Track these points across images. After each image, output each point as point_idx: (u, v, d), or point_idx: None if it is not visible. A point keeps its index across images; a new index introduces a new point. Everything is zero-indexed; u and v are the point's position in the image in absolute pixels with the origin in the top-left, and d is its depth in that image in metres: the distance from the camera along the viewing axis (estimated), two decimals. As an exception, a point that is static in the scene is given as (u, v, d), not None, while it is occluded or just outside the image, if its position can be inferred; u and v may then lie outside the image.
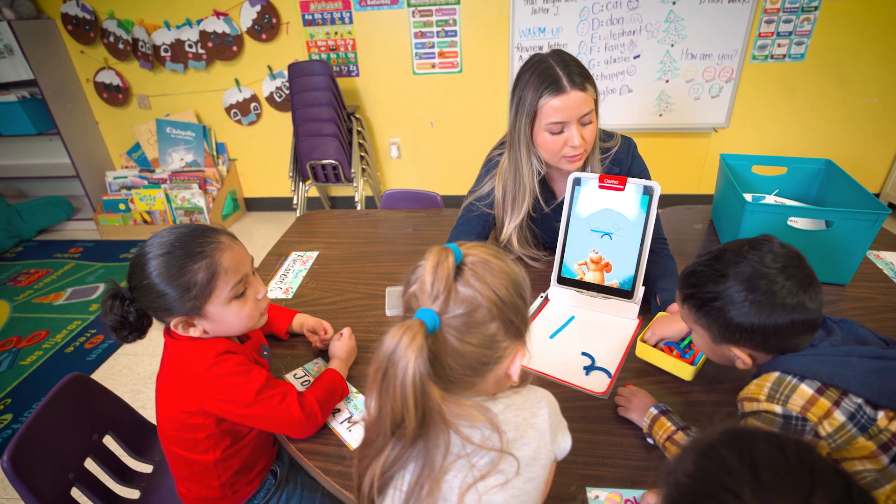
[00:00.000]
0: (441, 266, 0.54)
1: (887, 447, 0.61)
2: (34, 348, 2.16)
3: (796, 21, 2.51)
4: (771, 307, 0.65)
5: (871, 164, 2.83)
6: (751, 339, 0.68)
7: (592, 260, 1.12)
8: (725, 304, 0.68)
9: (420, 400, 0.50)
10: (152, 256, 0.75)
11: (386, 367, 0.51)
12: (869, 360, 0.62)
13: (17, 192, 3.51)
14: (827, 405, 0.62)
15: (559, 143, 1.04)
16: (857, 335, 0.68)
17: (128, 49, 2.89)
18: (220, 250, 0.77)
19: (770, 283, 0.65)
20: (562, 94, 0.99)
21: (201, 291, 0.76)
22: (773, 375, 0.66)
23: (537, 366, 0.96)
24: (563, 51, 1.05)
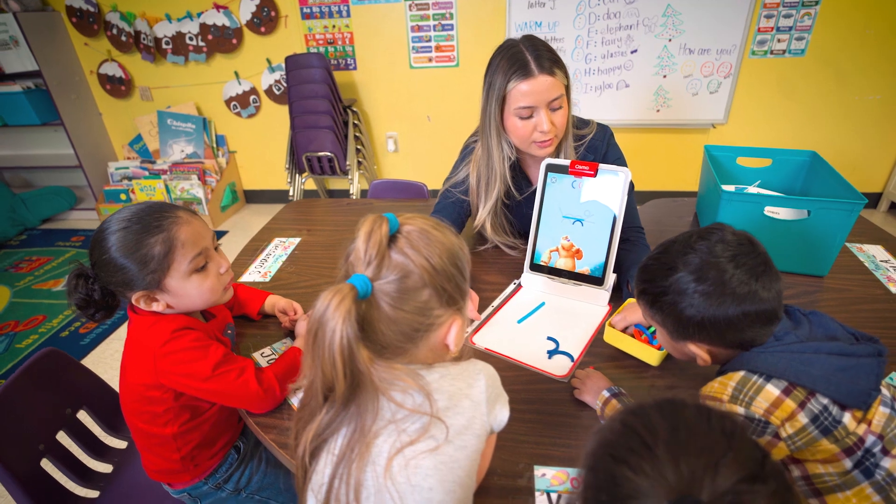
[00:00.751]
0: (374, 233, 0.55)
1: (851, 451, 0.59)
2: (31, 332, 2.20)
3: (796, 16, 2.47)
4: (720, 297, 0.62)
5: (873, 162, 2.78)
6: (704, 334, 0.65)
7: (563, 247, 1.11)
8: (675, 298, 0.65)
9: (348, 362, 0.51)
10: (110, 232, 0.77)
11: (316, 329, 0.51)
12: (836, 358, 0.59)
13: (23, 182, 3.58)
14: (792, 407, 0.59)
15: (529, 128, 1.04)
16: (826, 329, 0.65)
17: (130, 41, 2.93)
18: (177, 224, 0.79)
19: (719, 272, 0.62)
20: (530, 78, 0.99)
21: (159, 264, 0.77)
22: (738, 375, 0.63)
23: (502, 349, 0.96)
24: (534, 36, 1.05)
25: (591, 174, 1.06)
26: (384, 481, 0.53)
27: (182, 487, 0.91)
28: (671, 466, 0.36)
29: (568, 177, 1.09)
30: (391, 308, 0.55)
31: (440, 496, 0.53)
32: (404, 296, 0.55)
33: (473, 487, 0.58)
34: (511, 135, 1.08)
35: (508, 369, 0.92)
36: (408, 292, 0.55)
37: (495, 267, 1.25)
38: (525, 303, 1.10)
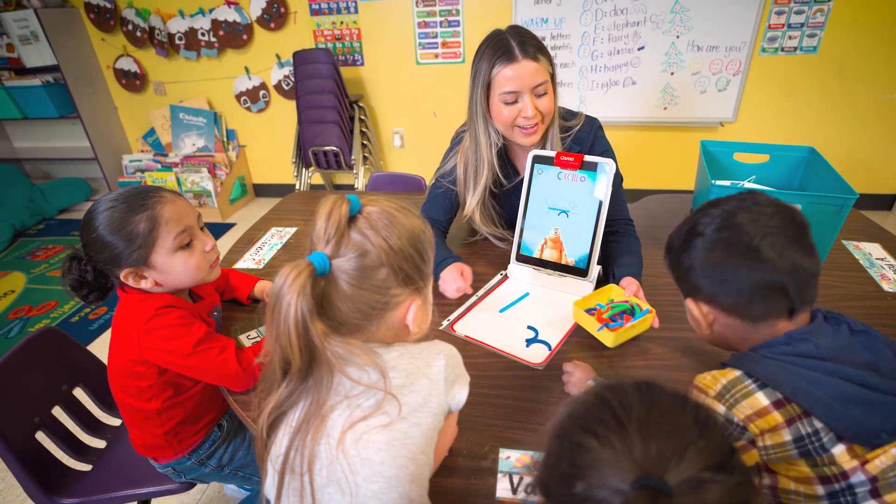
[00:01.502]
0: (334, 213, 0.56)
1: (828, 481, 0.55)
2: (42, 317, 2.28)
3: (808, 12, 2.42)
4: (730, 248, 0.59)
5: (887, 162, 2.71)
6: (706, 284, 0.62)
7: (551, 238, 1.12)
8: (684, 252, 0.64)
9: (302, 336, 0.53)
10: (98, 212, 0.81)
11: (274, 303, 0.53)
12: (852, 386, 0.53)
13: (42, 174, 3.69)
14: (777, 420, 0.55)
15: (513, 113, 1.05)
16: (870, 353, 0.56)
17: (145, 37, 3.01)
18: (160, 203, 0.82)
19: (734, 222, 0.60)
20: (513, 63, 1.00)
21: (144, 241, 0.81)
22: (733, 373, 0.59)
23: (481, 337, 0.97)
24: (520, 26, 1.06)
25: (576, 165, 1.06)
26: (336, 454, 0.54)
27: (166, 462, 0.94)
28: (640, 444, 0.36)
29: (554, 168, 1.09)
30: (348, 286, 0.56)
31: (392, 470, 0.55)
32: (361, 274, 0.56)
33: (430, 464, 0.59)
34: (496, 121, 1.09)
35: (486, 356, 0.93)
36: (365, 271, 0.56)
37: (485, 258, 1.26)
38: (509, 293, 1.11)
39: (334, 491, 0.55)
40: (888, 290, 1.08)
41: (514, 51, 1.00)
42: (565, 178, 1.08)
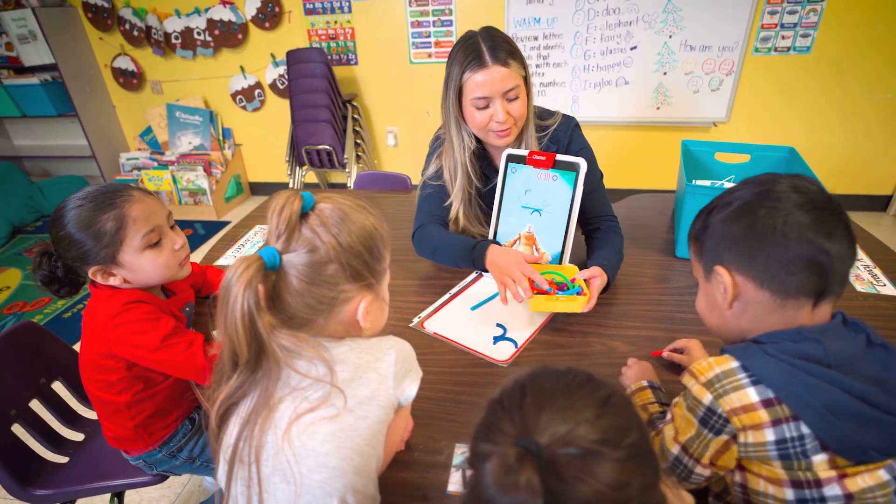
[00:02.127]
0: (285, 209, 0.57)
1: (800, 486, 0.54)
2: (36, 312, 2.31)
3: (801, 12, 2.41)
4: (752, 210, 0.57)
5: (883, 164, 2.69)
6: (737, 250, 0.58)
7: (525, 235, 1.13)
8: (714, 216, 0.61)
9: (249, 329, 0.54)
10: (67, 210, 0.82)
11: (223, 296, 0.54)
12: (853, 400, 0.51)
13: (42, 171, 3.73)
14: (762, 419, 0.53)
15: (486, 117, 1.05)
16: (883, 369, 0.54)
17: (142, 36, 3.03)
18: (129, 202, 0.83)
19: (781, 192, 0.57)
20: (484, 69, 1.00)
21: (112, 239, 0.82)
22: (729, 364, 0.57)
23: (450, 334, 0.98)
24: (493, 28, 1.06)
25: (548, 164, 1.07)
26: (282, 444, 0.55)
27: (137, 455, 0.95)
28: (533, 414, 0.39)
29: (527, 167, 1.10)
30: (298, 280, 0.57)
31: (336, 461, 0.55)
32: (311, 269, 0.57)
33: (377, 456, 0.60)
34: (470, 124, 1.10)
35: (452, 353, 0.94)
36: (314, 266, 0.58)
37: (462, 256, 1.26)
38: (483, 291, 1.12)
39: (279, 480, 0.56)
40: (860, 291, 1.08)
41: (484, 56, 1.00)
42: (538, 178, 1.09)
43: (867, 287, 1.09)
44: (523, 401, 0.41)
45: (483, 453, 0.39)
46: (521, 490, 0.35)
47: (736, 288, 0.60)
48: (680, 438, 0.60)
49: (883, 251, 1.23)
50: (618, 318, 1.03)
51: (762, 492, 0.56)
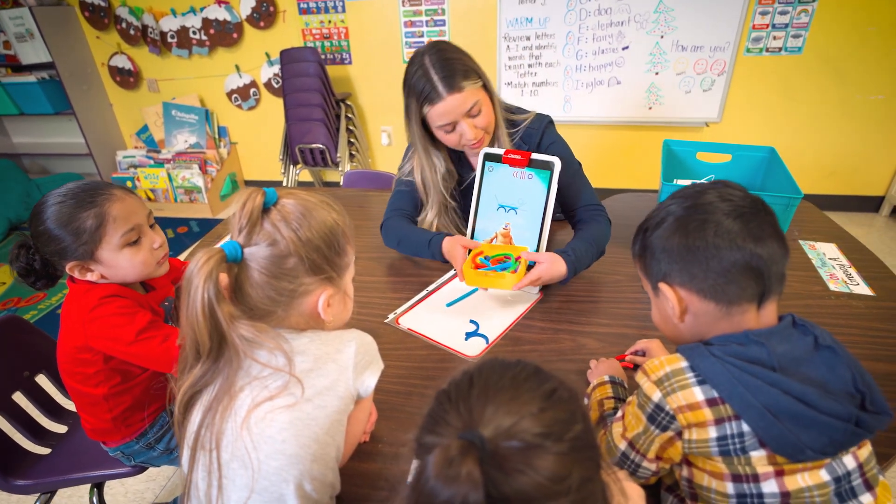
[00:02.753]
0: (248, 204, 0.60)
1: (739, 479, 0.55)
2: (31, 308, 2.33)
3: (793, 13, 2.42)
4: (686, 224, 0.59)
5: (875, 164, 2.69)
6: (675, 265, 0.60)
7: (502, 233, 1.14)
8: (651, 234, 0.63)
9: (209, 319, 0.56)
10: (48, 206, 0.84)
11: (185, 286, 0.56)
12: (792, 401, 0.52)
13: (41, 169, 3.76)
14: (706, 418, 0.55)
15: (456, 137, 1.09)
16: (828, 370, 0.56)
17: (138, 35, 3.06)
18: (109, 201, 0.85)
19: (708, 204, 0.59)
20: (439, 101, 1.02)
21: (91, 237, 0.83)
22: (679, 363, 0.59)
23: (423, 330, 1.00)
24: (442, 45, 1.06)
25: (524, 163, 1.08)
26: (240, 431, 0.57)
27: (115, 446, 0.97)
28: (479, 406, 0.40)
29: (504, 166, 1.11)
30: (259, 273, 0.59)
31: (294, 449, 0.57)
32: (271, 262, 0.59)
33: (336, 445, 0.61)
34: (444, 143, 1.13)
35: (424, 348, 0.96)
36: (275, 259, 0.60)
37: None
38: (460, 288, 1.13)
39: (238, 466, 0.58)
40: (833, 290, 1.09)
41: (437, 88, 1.01)
42: (514, 176, 1.10)
43: (841, 286, 1.10)
44: (470, 392, 0.41)
45: (427, 445, 0.40)
46: (461, 482, 0.35)
47: (682, 302, 0.62)
48: (627, 435, 0.61)
49: (859, 251, 1.24)
50: (590, 315, 1.04)
51: (706, 486, 0.57)
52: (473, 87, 1.03)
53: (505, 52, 2.72)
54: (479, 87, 1.05)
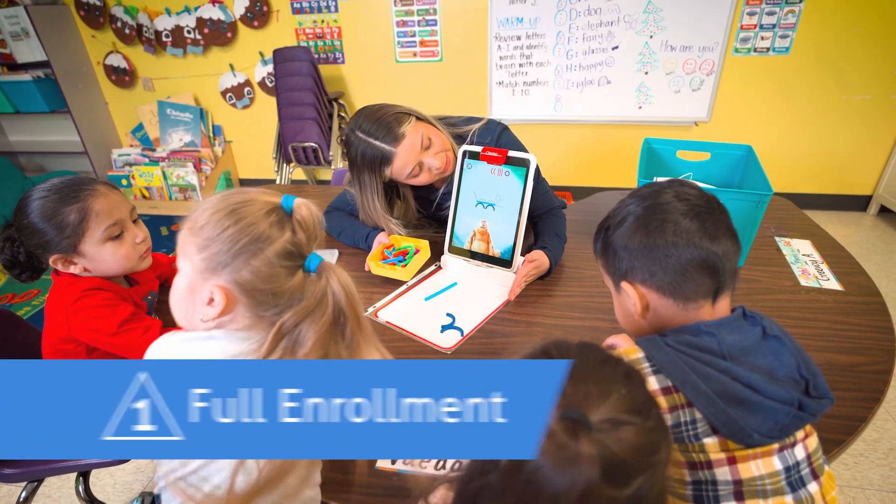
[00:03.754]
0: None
1: (694, 467, 0.57)
2: (25, 304, 2.36)
3: (780, 13, 2.44)
4: (647, 224, 0.62)
5: (862, 163, 2.72)
6: (634, 269, 0.63)
7: (479, 230, 1.16)
8: (613, 232, 0.65)
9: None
10: (32, 199, 0.86)
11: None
12: (740, 387, 0.54)
13: (37, 167, 3.78)
14: (662, 405, 0.56)
15: (426, 175, 1.14)
16: (775, 357, 0.58)
17: (133, 34, 3.08)
18: (93, 196, 0.87)
19: (665, 204, 0.62)
20: (394, 157, 1.08)
21: (74, 231, 0.86)
22: (636, 354, 0.61)
23: (401, 323, 1.02)
24: (364, 111, 1.12)
25: (501, 160, 1.10)
26: None
27: (98, 436, 0.99)
28: (571, 387, 0.41)
29: (482, 163, 1.14)
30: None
31: None
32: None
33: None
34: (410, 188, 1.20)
35: (400, 340, 0.98)
36: None
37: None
38: (439, 282, 1.16)
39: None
40: (804, 285, 1.11)
41: (385, 149, 1.07)
42: (492, 173, 1.13)
43: (812, 281, 1.13)
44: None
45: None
46: (581, 462, 0.35)
47: (643, 299, 0.64)
48: None
49: (832, 247, 1.26)
50: (563, 308, 1.06)
51: (667, 475, 0.59)
52: (410, 126, 1.09)
53: (496, 51, 2.74)
54: (415, 123, 1.10)
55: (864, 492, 1.35)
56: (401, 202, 1.28)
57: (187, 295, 0.60)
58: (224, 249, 0.56)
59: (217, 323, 0.59)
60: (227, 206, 0.58)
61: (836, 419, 0.77)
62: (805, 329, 0.97)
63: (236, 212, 0.57)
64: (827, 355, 0.90)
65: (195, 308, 0.60)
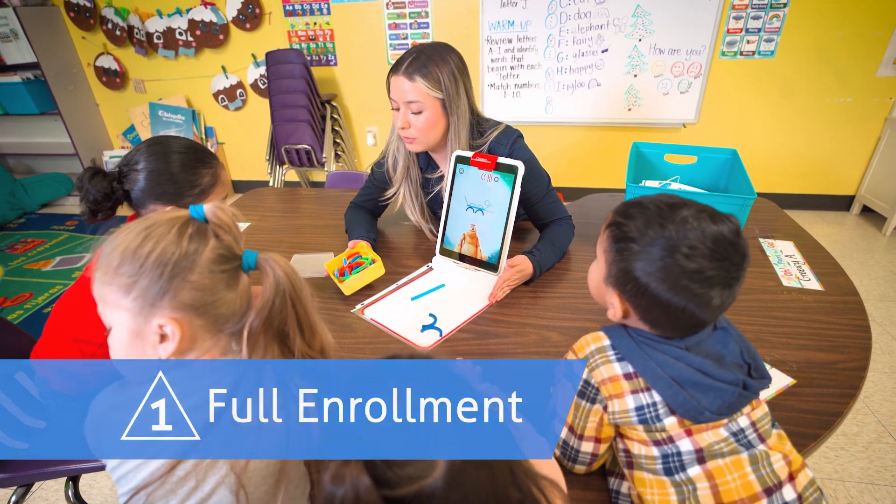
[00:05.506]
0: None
1: (659, 444, 0.62)
2: (17, 307, 2.34)
3: (765, 17, 2.49)
4: (676, 280, 0.58)
5: (845, 165, 2.77)
6: (637, 298, 0.62)
7: (469, 234, 1.18)
8: (640, 251, 0.60)
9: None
10: (173, 151, 0.90)
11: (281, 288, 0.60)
12: (693, 372, 0.60)
13: (26, 169, 3.76)
14: (623, 389, 0.62)
15: (396, 118, 1.16)
16: (722, 346, 0.63)
17: (124, 36, 3.07)
18: (220, 167, 0.96)
19: (699, 263, 0.57)
20: (393, 74, 1.11)
21: (202, 192, 0.92)
22: (602, 342, 0.65)
23: (384, 320, 1.04)
24: (436, 46, 1.13)
25: (490, 166, 1.12)
26: None
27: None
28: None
29: (473, 168, 1.16)
30: None
31: None
32: None
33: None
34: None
35: (382, 337, 1.00)
36: None
37: (417, 251, 1.33)
38: (428, 283, 1.17)
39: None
40: (786, 285, 1.14)
41: (400, 65, 1.10)
42: (482, 179, 1.15)
43: (793, 282, 1.16)
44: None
45: None
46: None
47: (627, 314, 0.65)
48: (568, 421, 0.68)
49: (814, 248, 1.30)
50: (555, 310, 1.09)
51: (636, 453, 0.64)
52: (424, 90, 1.09)
53: (487, 54, 2.77)
54: (431, 96, 1.10)
55: (845, 484, 1.39)
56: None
57: (134, 343, 0.55)
58: (154, 278, 0.52)
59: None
60: (135, 237, 0.54)
61: (814, 415, 0.79)
62: (786, 328, 1.00)
63: (149, 237, 0.54)
64: (807, 353, 0.93)
65: (147, 354, 0.55)
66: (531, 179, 1.15)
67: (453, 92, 1.11)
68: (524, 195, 1.15)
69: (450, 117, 1.15)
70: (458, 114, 1.14)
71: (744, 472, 0.60)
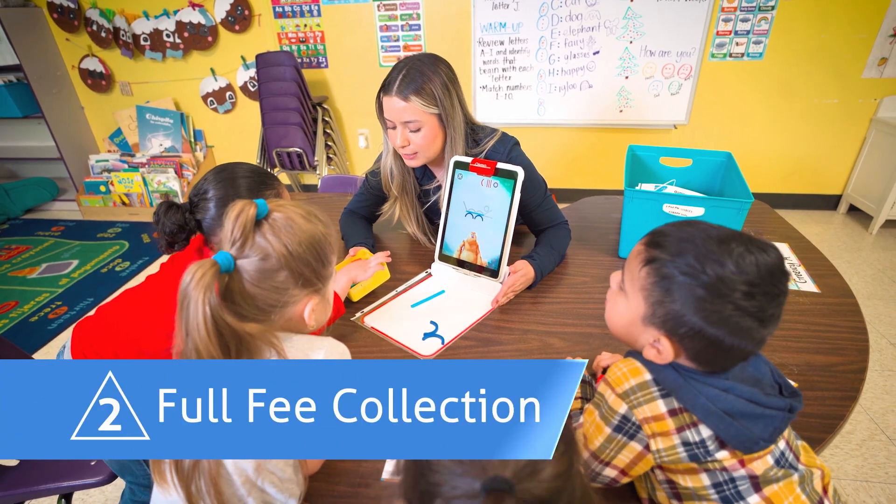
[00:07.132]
0: (241, 216, 0.61)
1: (709, 470, 0.60)
2: (2, 317, 2.29)
3: (753, 20, 2.52)
4: (738, 323, 0.55)
5: (832, 165, 2.82)
6: (689, 341, 0.58)
7: (468, 240, 1.18)
8: (696, 291, 0.55)
9: (214, 331, 0.55)
10: (239, 176, 0.92)
11: (182, 300, 0.56)
12: (744, 402, 0.57)
13: (9, 173, 3.67)
14: (669, 427, 0.59)
15: (393, 138, 1.14)
16: (755, 370, 0.62)
17: (109, 37, 3.01)
18: (282, 187, 0.97)
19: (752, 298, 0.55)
20: (385, 95, 1.09)
21: None
22: (643, 376, 0.61)
23: (385, 329, 1.03)
24: (426, 58, 1.11)
25: (489, 172, 1.12)
26: None
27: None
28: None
29: (471, 174, 1.15)
30: (250, 284, 0.61)
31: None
32: (262, 275, 0.62)
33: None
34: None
35: (384, 346, 0.99)
36: (265, 272, 0.62)
37: (415, 257, 1.32)
38: (427, 290, 1.17)
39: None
40: (782, 287, 1.15)
41: (391, 85, 1.08)
42: (481, 184, 1.14)
43: (790, 284, 1.17)
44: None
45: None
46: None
47: (678, 354, 0.60)
48: (590, 446, 0.64)
49: (808, 249, 1.31)
50: (557, 315, 1.08)
51: (684, 485, 0.62)
52: (420, 108, 1.08)
53: (479, 56, 2.77)
54: (428, 113, 1.09)
55: (840, 482, 1.41)
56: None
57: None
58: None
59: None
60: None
61: (817, 418, 0.80)
62: (785, 331, 1.01)
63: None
64: (807, 356, 0.94)
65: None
66: (529, 186, 1.15)
67: (448, 104, 1.11)
68: (521, 202, 1.14)
69: (447, 129, 1.14)
70: (453, 125, 1.14)
71: (796, 493, 0.60)
